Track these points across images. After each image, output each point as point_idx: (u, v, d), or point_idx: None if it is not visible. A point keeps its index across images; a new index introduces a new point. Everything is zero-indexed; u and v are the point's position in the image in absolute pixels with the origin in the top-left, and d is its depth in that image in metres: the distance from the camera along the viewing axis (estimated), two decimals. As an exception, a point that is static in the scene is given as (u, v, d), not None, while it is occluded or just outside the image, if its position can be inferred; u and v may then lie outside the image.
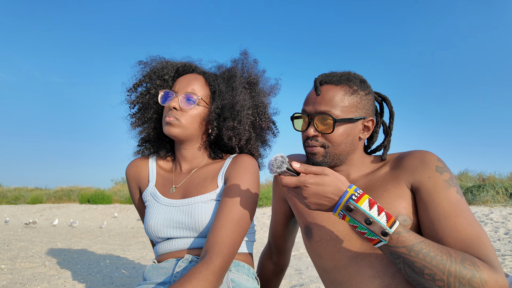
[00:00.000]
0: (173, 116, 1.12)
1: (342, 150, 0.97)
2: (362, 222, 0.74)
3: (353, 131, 0.97)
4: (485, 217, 6.47)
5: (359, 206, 0.74)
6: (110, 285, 2.18)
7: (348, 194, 0.76)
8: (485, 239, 0.78)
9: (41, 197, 15.36)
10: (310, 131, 0.97)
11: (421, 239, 0.75)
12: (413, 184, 0.90)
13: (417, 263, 0.73)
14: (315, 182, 0.77)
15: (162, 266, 1.08)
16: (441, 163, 0.90)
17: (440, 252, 0.73)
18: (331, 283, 0.96)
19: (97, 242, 5.27)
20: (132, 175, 1.27)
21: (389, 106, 1.06)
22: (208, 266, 0.90)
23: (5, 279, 2.08)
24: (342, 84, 0.97)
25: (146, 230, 1.15)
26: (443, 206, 0.83)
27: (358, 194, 0.76)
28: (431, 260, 0.72)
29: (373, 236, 0.74)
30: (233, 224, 0.99)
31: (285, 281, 2.53)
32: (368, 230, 0.74)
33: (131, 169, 1.28)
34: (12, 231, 6.57)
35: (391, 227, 0.73)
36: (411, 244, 0.73)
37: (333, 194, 0.77)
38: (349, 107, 0.95)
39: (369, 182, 0.97)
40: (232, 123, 1.16)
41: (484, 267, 0.72)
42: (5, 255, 3.08)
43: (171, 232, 1.09)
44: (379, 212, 0.74)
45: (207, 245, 0.97)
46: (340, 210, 0.77)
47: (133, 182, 1.28)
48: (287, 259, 1.29)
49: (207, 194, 1.10)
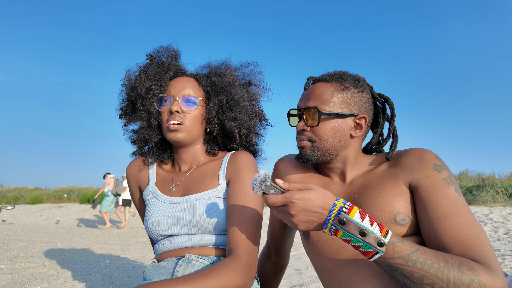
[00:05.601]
0: (177, 119, 1.12)
1: (330, 145, 0.98)
2: (357, 235, 0.73)
3: (342, 127, 0.97)
4: (485, 217, 6.47)
5: (351, 218, 0.73)
6: (110, 285, 2.18)
7: (337, 206, 0.75)
8: (483, 239, 0.77)
9: (41, 197, 15.36)
10: (299, 125, 1.01)
11: (416, 247, 0.74)
12: (411, 183, 0.89)
13: (415, 273, 0.72)
14: (301, 197, 0.76)
15: (163, 266, 1.08)
16: (439, 161, 0.90)
17: (436, 260, 0.72)
18: (330, 283, 0.96)
19: (97, 242, 5.27)
20: (133, 175, 1.29)
21: (391, 108, 1.06)
22: (237, 261, 0.94)
23: (5, 279, 2.08)
24: (333, 82, 0.99)
25: (146, 228, 1.15)
26: (442, 205, 0.83)
27: (348, 206, 0.75)
28: (429, 269, 0.71)
29: (369, 248, 0.73)
30: (250, 223, 1.02)
31: (284, 281, 2.53)
32: (364, 242, 0.73)
33: (131, 169, 1.29)
34: (12, 231, 6.56)
35: (385, 237, 0.73)
36: (407, 254, 0.73)
37: (321, 208, 0.76)
38: (338, 103, 0.97)
39: (366, 180, 0.97)
40: (235, 114, 1.19)
41: (481, 270, 0.71)
42: (5, 255, 3.08)
43: (171, 229, 1.10)
44: (371, 223, 0.74)
45: (230, 246, 0.99)
46: (332, 224, 0.76)
47: (134, 182, 1.29)
48: (286, 259, 1.29)
49: (208, 192, 1.11)
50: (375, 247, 0.72)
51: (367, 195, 0.92)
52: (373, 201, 0.90)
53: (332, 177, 1.03)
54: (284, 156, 1.17)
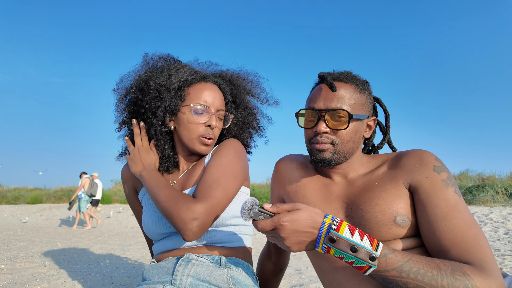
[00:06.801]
0: (213, 136, 1.15)
1: (349, 148, 0.97)
2: (348, 251, 0.73)
3: (360, 129, 0.97)
4: (485, 217, 6.47)
5: (341, 235, 0.74)
6: (110, 285, 2.18)
7: (326, 224, 0.76)
8: (481, 241, 0.77)
9: (41, 197, 15.36)
10: (321, 127, 0.93)
11: (408, 256, 0.75)
12: (411, 184, 0.89)
13: (410, 284, 0.72)
14: (290, 219, 0.77)
15: (162, 266, 1.08)
16: (439, 162, 0.90)
17: (429, 268, 0.73)
18: (330, 283, 0.97)
19: (97, 242, 5.27)
20: (128, 177, 1.27)
21: (383, 107, 1.08)
22: (197, 201, 0.96)
23: (5, 279, 2.08)
24: (350, 82, 0.97)
25: (144, 228, 1.15)
26: (441, 206, 0.83)
27: (337, 222, 0.76)
28: (422, 278, 0.72)
29: (362, 263, 0.73)
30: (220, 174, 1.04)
31: (285, 281, 2.53)
32: (356, 258, 0.73)
33: (126, 172, 1.28)
34: (12, 231, 6.56)
35: (377, 250, 0.73)
36: (400, 265, 0.73)
37: (311, 227, 0.77)
38: (357, 105, 0.95)
39: (367, 182, 0.97)
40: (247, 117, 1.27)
41: (474, 274, 0.71)
42: (5, 255, 3.08)
43: (169, 227, 1.09)
44: (361, 237, 0.74)
45: (195, 193, 1.02)
46: (323, 243, 0.76)
47: (129, 184, 1.27)
48: (286, 258, 1.29)
49: None
50: (367, 261, 0.73)
51: (368, 196, 0.92)
52: (374, 202, 0.90)
53: (333, 177, 1.03)
54: (285, 157, 1.16)
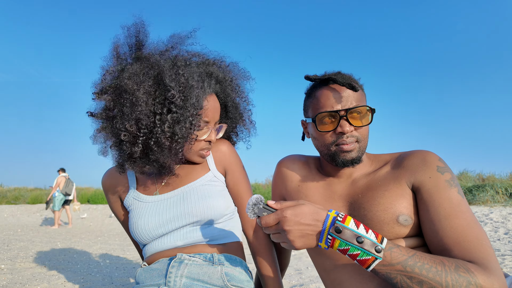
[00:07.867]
0: (210, 147, 1.13)
1: (367, 143, 0.98)
2: (354, 242, 0.73)
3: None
4: (485, 217, 6.47)
5: (347, 226, 0.74)
6: (110, 285, 2.18)
7: (330, 216, 0.77)
8: (484, 241, 0.77)
9: (41, 197, 15.35)
10: (347, 128, 0.91)
11: (412, 252, 0.75)
12: (414, 184, 0.90)
13: (414, 279, 0.72)
14: (293, 212, 0.77)
15: (154, 268, 1.06)
16: (442, 163, 0.90)
17: (433, 263, 0.73)
18: (331, 283, 0.96)
19: (97, 242, 5.27)
20: (109, 186, 1.21)
21: None
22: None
23: (5, 279, 2.07)
24: (353, 79, 0.98)
25: (134, 233, 1.09)
26: (444, 206, 0.83)
27: (342, 216, 0.76)
28: (427, 273, 0.72)
29: (367, 255, 0.73)
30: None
31: (285, 281, 2.53)
32: (361, 249, 0.73)
33: (107, 180, 1.21)
34: (12, 231, 6.57)
35: (382, 243, 0.74)
36: (404, 259, 0.73)
37: (315, 220, 0.77)
38: (365, 98, 0.98)
39: (370, 181, 0.97)
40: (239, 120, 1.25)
41: (478, 272, 0.71)
42: (5, 255, 3.08)
43: (163, 227, 1.07)
44: (366, 230, 0.75)
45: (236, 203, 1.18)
46: (328, 234, 0.76)
47: (112, 193, 1.21)
48: (287, 259, 1.29)
49: (201, 178, 1.12)
50: (373, 253, 0.73)
51: (371, 195, 0.92)
52: (376, 201, 0.90)
53: (337, 177, 1.03)
54: (287, 157, 1.16)
